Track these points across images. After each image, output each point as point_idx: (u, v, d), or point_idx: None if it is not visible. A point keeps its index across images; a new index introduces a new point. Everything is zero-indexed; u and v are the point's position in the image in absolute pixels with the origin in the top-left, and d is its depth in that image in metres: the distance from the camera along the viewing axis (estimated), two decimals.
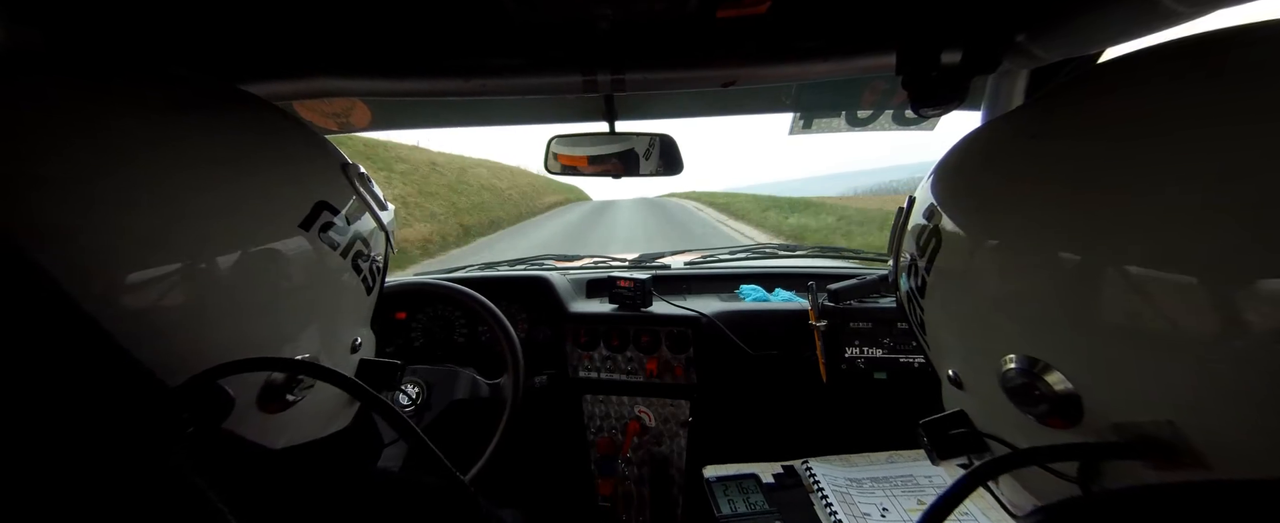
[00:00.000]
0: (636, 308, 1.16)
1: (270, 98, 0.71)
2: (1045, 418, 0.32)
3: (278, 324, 0.42)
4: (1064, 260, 0.29)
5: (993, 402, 0.35)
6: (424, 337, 1.26)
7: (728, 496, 0.84)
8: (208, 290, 0.36)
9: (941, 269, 0.38)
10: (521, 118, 1.16)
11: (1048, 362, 0.31)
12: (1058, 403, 0.30)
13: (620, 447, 1.17)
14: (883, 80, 0.92)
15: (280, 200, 0.42)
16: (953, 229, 0.37)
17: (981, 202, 0.36)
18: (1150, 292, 0.26)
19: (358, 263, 0.48)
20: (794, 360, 1.07)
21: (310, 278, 0.43)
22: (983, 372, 0.35)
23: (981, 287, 0.34)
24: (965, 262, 0.36)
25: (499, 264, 1.53)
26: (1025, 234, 0.32)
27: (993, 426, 0.38)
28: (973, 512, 0.77)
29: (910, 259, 0.43)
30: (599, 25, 0.60)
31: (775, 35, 0.66)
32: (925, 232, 0.40)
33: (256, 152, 0.42)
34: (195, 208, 0.36)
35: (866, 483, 0.85)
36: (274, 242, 0.40)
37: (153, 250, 0.34)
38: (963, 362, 0.39)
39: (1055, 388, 0.30)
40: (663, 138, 0.89)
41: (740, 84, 0.72)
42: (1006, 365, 0.33)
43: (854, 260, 1.47)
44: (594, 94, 0.75)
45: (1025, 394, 0.32)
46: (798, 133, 1.03)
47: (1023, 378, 0.32)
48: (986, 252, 0.34)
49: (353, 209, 0.48)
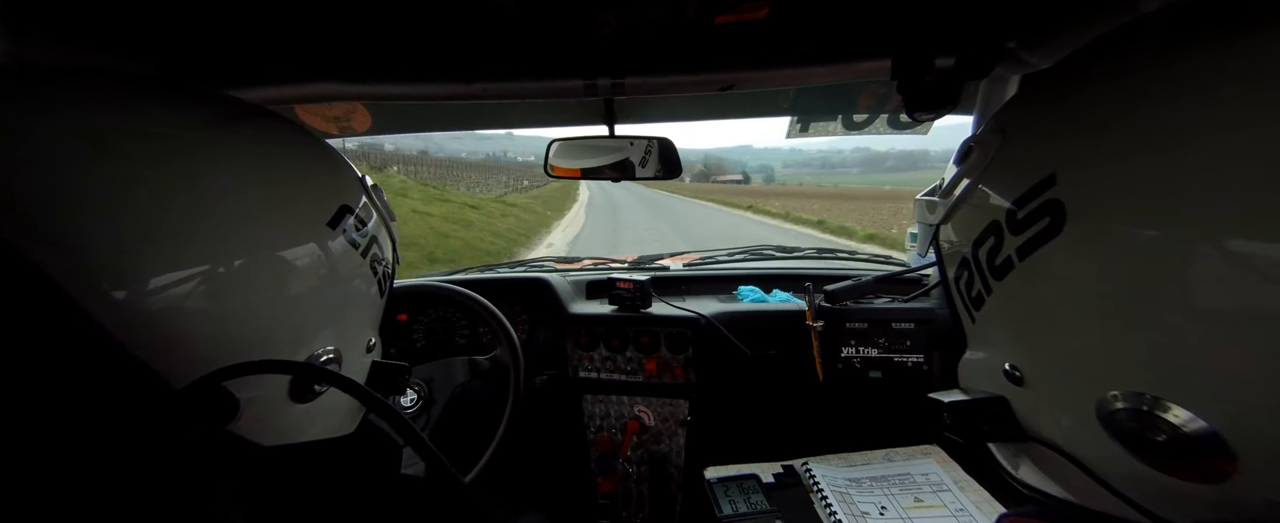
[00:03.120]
0: (636, 309, 1.17)
1: (272, 102, 0.72)
2: (1171, 469, 0.25)
3: (303, 322, 0.43)
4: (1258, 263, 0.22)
5: (1071, 417, 0.30)
6: (426, 338, 1.26)
7: (729, 496, 0.85)
8: (236, 290, 0.38)
9: (1048, 256, 0.29)
10: (522, 121, 1.16)
11: (1168, 396, 0.24)
12: (1191, 451, 0.24)
13: (620, 446, 1.18)
14: (878, 85, 0.93)
15: (310, 201, 0.44)
16: (1086, 204, 0.28)
17: (1143, 176, 0.26)
18: None
19: (374, 266, 0.50)
20: (791, 360, 1.09)
21: (335, 275, 0.45)
22: (1067, 386, 0.30)
23: (1109, 288, 0.27)
24: (1094, 252, 0.27)
25: (499, 266, 1.54)
26: (1212, 228, 0.23)
27: (1053, 433, 0.32)
28: (969, 509, 0.78)
29: (987, 228, 0.34)
30: (599, 31, 0.61)
31: (773, 40, 0.67)
32: (1030, 199, 0.31)
33: (287, 162, 0.45)
34: (225, 210, 0.38)
35: (865, 482, 0.86)
36: (305, 239, 0.42)
37: (180, 251, 0.36)
38: (1033, 363, 0.33)
39: (1184, 429, 0.24)
40: (661, 141, 0.90)
41: (739, 88, 0.73)
42: (1113, 402, 0.27)
43: (850, 262, 1.49)
44: (594, 98, 0.76)
45: (1140, 440, 0.26)
46: (795, 136, 1.05)
47: (1134, 420, 0.26)
48: (1140, 245, 0.25)
49: (369, 215, 0.51)
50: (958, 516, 0.77)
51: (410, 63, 0.71)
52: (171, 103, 0.42)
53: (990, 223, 0.34)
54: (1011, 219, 0.32)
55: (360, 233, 0.48)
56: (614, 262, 1.55)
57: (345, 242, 0.46)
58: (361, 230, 0.48)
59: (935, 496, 0.81)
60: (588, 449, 1.21)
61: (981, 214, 0.35)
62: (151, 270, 0.34)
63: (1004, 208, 0.33)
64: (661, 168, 0.91)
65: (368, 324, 0.53)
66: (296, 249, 0.42)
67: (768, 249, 1.60)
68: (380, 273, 0.52)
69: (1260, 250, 0.22)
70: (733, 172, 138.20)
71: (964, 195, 0.38)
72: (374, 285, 0.51)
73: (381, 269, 0.52)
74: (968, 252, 0.37)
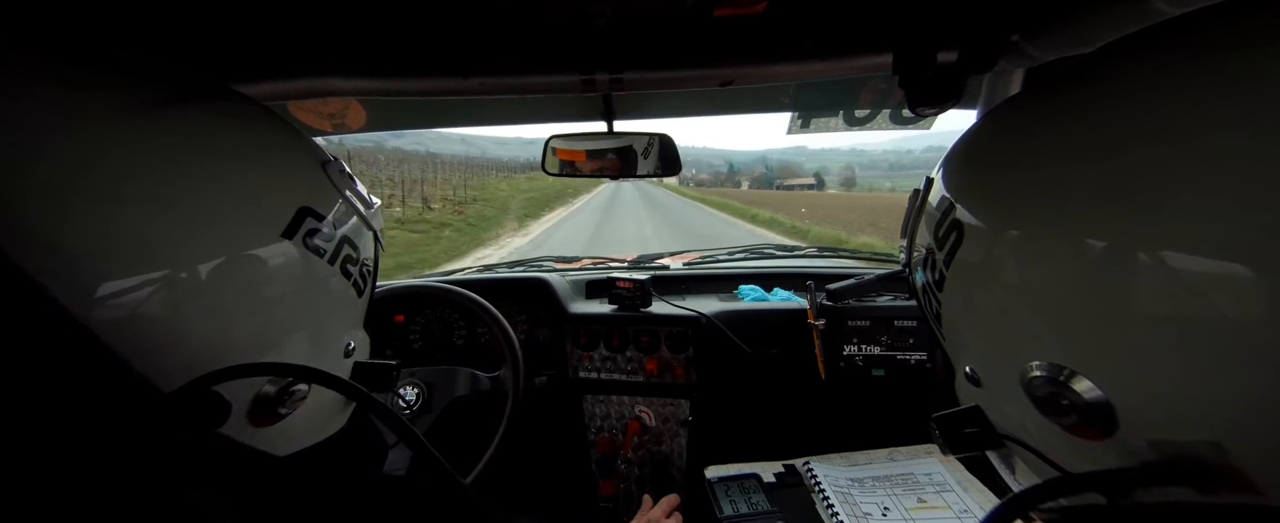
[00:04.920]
0: (636, 308, 1.16)
1: (265, 98, 0.71)
2: (1074, 428, 0.29)
3: (263, 333, 0.40)
4: (1090, 247, 0.27)
5: (1013, 403, 0.34)
6: (423, 339, 1.25)
7: (730, 496, 0.84)
8: (185, 302, 0.35)
9: (961, 262, 0.36)
10: (519, 117, 1.16)
11: (1074, 367, 0.29)
12: (1088, 413, 0.28)
13: (620, 447, 1.17)
14: (880, 80, 0.92)
15: (261, 208, 0.39)
16: (971, 220, 0.35)
17: (999, 189, 0.34)
18: (1194, 281, 0.23)
19: (346, 268, 0.46)
20: (793, 359, 1.08)
21: (296, 287, 0.41)
22: (1002, 372, 0.34)
23: (1002, 280, 0.32)
24: (985, 254, 0.34)
25: (498, 266, 1.53)
26: (1049, 222, 0.29)
27: (1011, 426, 0.36)
28: (974, 510, 0.77)
29: (927, 252, 0.40)
30: (597, 23, 0.60)
31: (773, 34, 0.66)
32: (943, 222, 0.38)
33: (234, 156, 0.40)
34: (168, 217, 0.34)
35: (867, 482, 0.85)
36: (256, 251, 0.38)
37: (119, 262, 0.32)
38: (981, 359, 0.37)
39: (1084, 397, 0.28)
40: (661, 137, 0.90)
41: (738, 83, 0.72)
42: (1031, 372, 0.31)
43: (851, 260, 1.48)
44: (592, 93, 0.75)
45: (1052, 403, 0.30)
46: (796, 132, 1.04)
47: (1048, 386, 0.30)
48: (1007, 242, 0.32)
49: (338, 213, 0.46)
50: (962, 517, 0.76)
51: (407, 58, 0.70)
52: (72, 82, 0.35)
53: (927, 249, 0.41)
54: (938, 240, 0.39)
55: (324, 237, 0.43)
56: (613, 261, 1.54)
57: (305, 250, 0.41)
58: (326, 235, 0.43)
59: (939, 496, 0.80)
60: (588, 450, 1.21)
61: (924, 240, 0.41)
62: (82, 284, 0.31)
63: (934, 235, 0.39)
64: (661, 164, 0.90)
65: (346, 327, 0.49)
66: (241, 266, 0.37)
67: (768, 247, 1.59)
68: (355, 275, 0.47)
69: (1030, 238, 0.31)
70: (803, 175, 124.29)
71: (913, 229, 0.45)
72: (350, 288, 0.47)
73: (357, 270, 0.48)
74: (922, 279, 0.42)
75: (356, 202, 0.49)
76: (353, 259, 0.47)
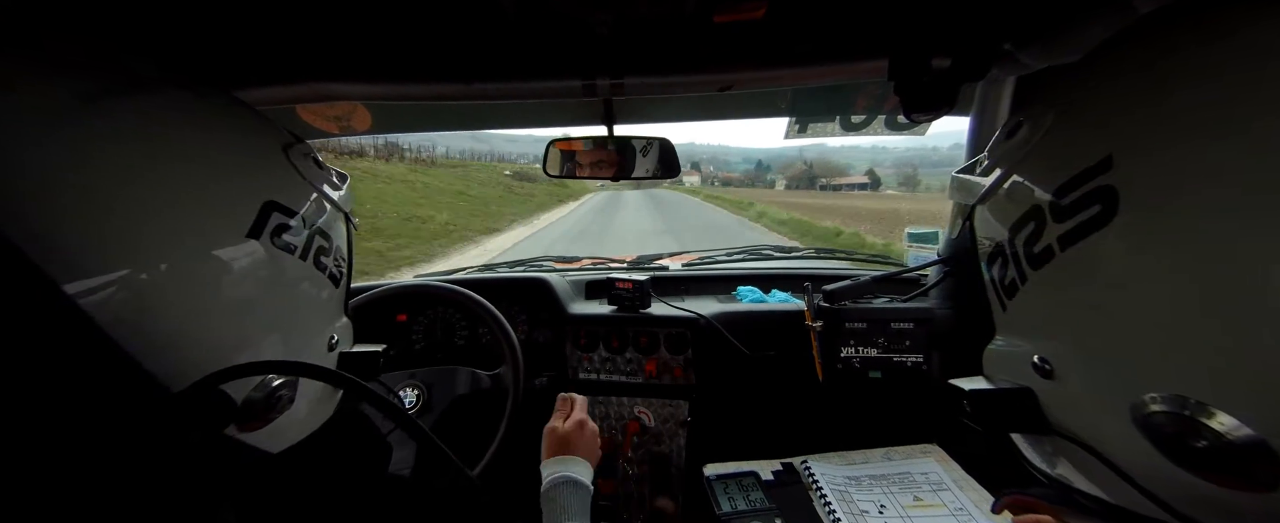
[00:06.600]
0: (635, 309, 1.17)
1: (271, 102, 0.72)
2: (1212, 476, 0.24)
3: (239, 334, 0.38)
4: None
5: (1102, 415, 0.29)
6: (425, 339, 1.26)
7: (728, 493, 0.85)
8: (148, 305, 0.33)
9: (1095, 248, 0.27)
10: (521, 121, 1.17)
11: (1214, 402, 0.23)
12: (1235, 459, 0.22)
13: (620, 447, 1.18)
14: (876, 86, 0.94)
15: (219, 207, 0.36)
16: (1147, 198, 0.25)
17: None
18: None
19: (320, 260, 0.44)
20: (791, 361, 1.09)
21: (268, 287, 0.39)
22: (1098, 384, 0.29)
23: (1164, 291, 0.25)
24: (1156, 253, 0.25)
25: (498, 266, 1.54)
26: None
27: (1082, 429, 0.31)
28: (969, 508, 0.78)
29: (1036, 210, 0.31)
30: (598, 30, 0.62)
31: (771, 40, 0.67)
32: (1084, 187, 0.28)
33: (179, 151, 0.36)
34: (124, 217, 0.32)
35: (864, 481, 0.86)
36: (220, 253, 0.36)
37: (74, 262, 0.30)
38: (1064, 358, 0.32)
39: (1228, 437, 0.22)
40: (661, 141, 0.91)
41: (737, 88, 0.73)
42: (1150, 404, 0.25)
43: (848, 261, 1.49)
44: (593, 98, 0.76)
45: (1179, 445, 0.24)
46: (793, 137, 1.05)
47: (1173, 424, 0.24)
48: (1216, 243, 0.23)
49: (307, 206, 0.43)
50: (957, 514, 0.77)
51: (410, 63, 0.71)
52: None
53: (1031, 208, 0.31)
54: (1056, 205, 0.29)
55: (294, 233, 0.41)
56: (613, 262, 1.55)
57: (275, 249, 0.39)
58: (297, 228, 0.41)
59: (935, 494, 0.82)
60: None
61: (1022, 197, 0.32)
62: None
63: (1048, 193, 0.30)
64: (660, 167, 0.92)
65: (325, 320, 0.48)
66: (203, 268, 0.35)
67: (766, 249, 1.61)
68: (330, 264, 0.45)
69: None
70: (854, 174, 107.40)
71: (1005, 176, 0.35)
72: (325, 283, 0.45)
73: (331, 259, 0.46)
74: (1003, 237, 0.34)
75: (323, 186, 0.46)
76: (326, 250, 0.45)
